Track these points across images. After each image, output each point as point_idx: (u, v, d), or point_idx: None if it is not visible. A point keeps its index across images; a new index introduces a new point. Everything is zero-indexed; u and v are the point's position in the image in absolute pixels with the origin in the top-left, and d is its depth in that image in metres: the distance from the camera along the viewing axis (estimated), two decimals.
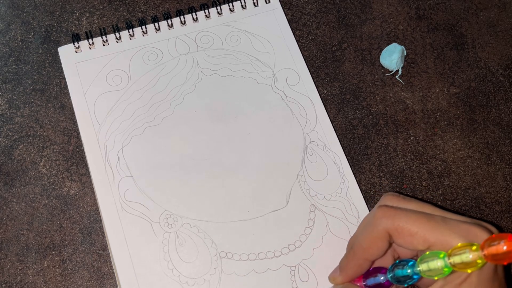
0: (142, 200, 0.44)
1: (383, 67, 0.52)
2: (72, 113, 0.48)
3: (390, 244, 0.36)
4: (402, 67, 0.52)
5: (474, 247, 0.32)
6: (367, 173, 0.48)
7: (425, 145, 0.50)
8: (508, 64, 0.54)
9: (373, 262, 0.38)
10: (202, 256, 0.43)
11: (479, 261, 0.31)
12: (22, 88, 0.49)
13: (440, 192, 0.48)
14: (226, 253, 0.43)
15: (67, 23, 0.52)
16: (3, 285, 0.42)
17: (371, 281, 0.38)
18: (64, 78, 0.49)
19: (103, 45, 0.50)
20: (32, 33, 0.51)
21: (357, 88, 0.52)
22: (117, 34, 0.50)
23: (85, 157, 0.46)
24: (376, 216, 0.36)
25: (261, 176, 0.46)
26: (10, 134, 0.47)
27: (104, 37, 0.50)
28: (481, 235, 0.33)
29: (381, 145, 0.49)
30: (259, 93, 0.49)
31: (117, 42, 0.50)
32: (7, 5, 0.52)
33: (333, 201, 0.46)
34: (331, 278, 0.40)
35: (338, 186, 0.46)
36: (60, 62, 0.49)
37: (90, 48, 0.49)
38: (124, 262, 0.42)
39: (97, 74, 0.48)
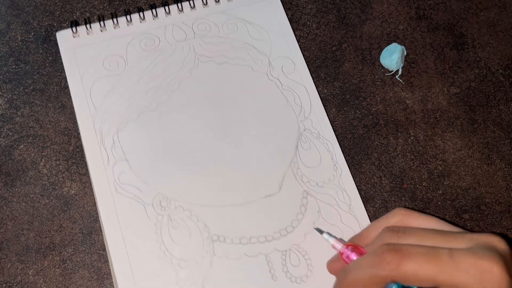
0: (136, 183, 0.45)
1: (383, 67, 0.52)
2: (72, 113, 0.48)
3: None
4: (402, 67, 0.52)
5: None
6: (367, 173, 0.48)
7: (425, 145, 0.50)
8: (508, 64, 0.54)
9: None
10: (194, 239, 0.43)
11: None
12: (22, 88, 0.49)
13: (440, 192, 0.48)
14: (218, 237, 0.43)
15: (67, 23, 0.52)
16: (3, 285, 0.42)
17: None
18: (64, 78, 0.49)
19: (101, 31, 0.50)
20: (32, 33, 0.51)
21: (357, 88, 0.52)
22: (114, 20, 0.50)
23: (84, 153, 0.46)
24: (381, 259, 0.34)
25: (255, 162, 0.47)
26: (10, 134, 0.47)
27: (102, 23, 0.50)
28: (492, 268, 0.32)
29: (381, 145, 0.49)
30: (254, 81, 0.50)
31: (114, 28, 0.50)
32: (7, 5, 0.52)
33: (325, 188, 0.46)
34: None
35: (331, 173, 0.47)
36: (61, 62, 0.49)
37: (87, 34, 0.50)
38: (117, 243, 0.42)
39: (94, 59, 0.49)
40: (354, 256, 0.38)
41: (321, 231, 0.41)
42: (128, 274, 0.41)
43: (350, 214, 0.45)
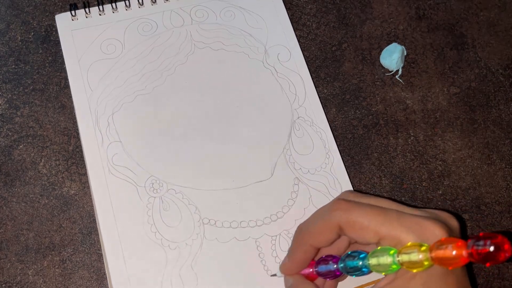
0: (129, 164, 0.45)
1: (383, 67, 0.52)
2: (72, 113, 0.48)
3: (338, 236, 0.37)
4: (402, 67, 0.52)
5: (423, 248, 0.31)
6: (367, 173, 0.48)
7: (425, 145, 0.50)
8: (508, 64, 0.54)
9: (319, 249, 0.38)
10: (185, 222, 0.44)
11: (425, 262, 0.31)
12: (22, 88, 0.49)
13: (440, 192, 0.48)
14: (209, 220, 0.44)
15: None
16: (3, 285, 0.42)
17: (323, 268, 0.38)
18: (64, 78, 0.49)
19: (99, 14, 0.51)
20: (32, 33, 0.51)
21: (357, 88, 0.52)
22: (113, 4, 0.51)
23: (83, 153, 0.46)
24: (331, 208, 0.36)
25: (248, 147, 0.47)
26: (10, 134, 0.47)
27: (100, 7, 0.51)
28: (435, 231, 0.33)
29: (381, 145, 0.49)
30: (250, 68, 0.50)
31: (113, 12, 0.51)
32: (7, 5, 0.52)
33: (317, 175, 0.47)
34: (281, 266, 0.40)
35: (323, 161, 0.47)
36: (61, 62, 0.49)
37: (86, 17, 0.50)
38: (108, 223, 0.43)
39: (92, 42, 0.49)
40: (308, 269, 0.39)
41: (274, 274, 0.42)
42: (118, 253, 0.42)
43: None
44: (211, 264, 0.42)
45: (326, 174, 0.47)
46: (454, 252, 0.29)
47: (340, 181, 0.47)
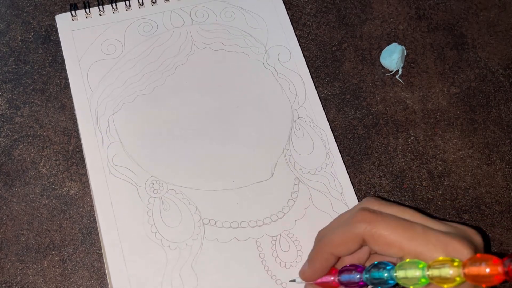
0: (129, 165, 0.45)
1: (383, 67, 0.52)
2: (72, 113, 0.48)
3: (360, 246, 0.36)
4: (402, 67, 0.52)
5: (455, 263, 0.31)
6: (367, 173, 0.48)
7: (425, 145, 0.50)
8: (508, 64, 0.54)
9: (339, 258, 0.38)
10: (186, 222, 0.44)
11: (457, 278, 0.30)
12: (22, 88, 0.49)
13: (440, 192, 0.48)
14: (209, 220, 0.44)
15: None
16: (3, 285, 0.42)
17: (345, 277, 0.37)
18: (64, 78, 0.49)
19: (100, 15, 0.51)
20: (32, 33, 0.51)
21: (357, 88, 0.52)
22: (113, 4, 0.51)
23: (83, 153, 0.46)
24: (355, 219, 0.35)
25: (248, 148, 0.47)
26: (10, 134, 0.47)
27: (101, 7, 0.51)
28: (461, 250, 0.32)
29: (381, 145, 0.49)
30: (250, 68, 0.50)
31: (113, 12, 0.51)
32: (7, 5, 0.52)
33: (317, 175, 0.47)
34: (301, 272, 0.40)
35: (323, 161, 0.47)
36: (61, 62, 0.49)
37: (86, 17, 0.50)
38: (108, 223, 0.43)
39: (92, 42, 0.49)
40: (330, 277, 0.39)
41: (293, 280, 0.42)
42: (118, 253, 0.42)
43: (341, 202, 0.46)
44: (211, 264, 0.42)
45: (327, 174, 0.47)
46: (487, 270, 0.29)
47: (340, 181, 0.47)
